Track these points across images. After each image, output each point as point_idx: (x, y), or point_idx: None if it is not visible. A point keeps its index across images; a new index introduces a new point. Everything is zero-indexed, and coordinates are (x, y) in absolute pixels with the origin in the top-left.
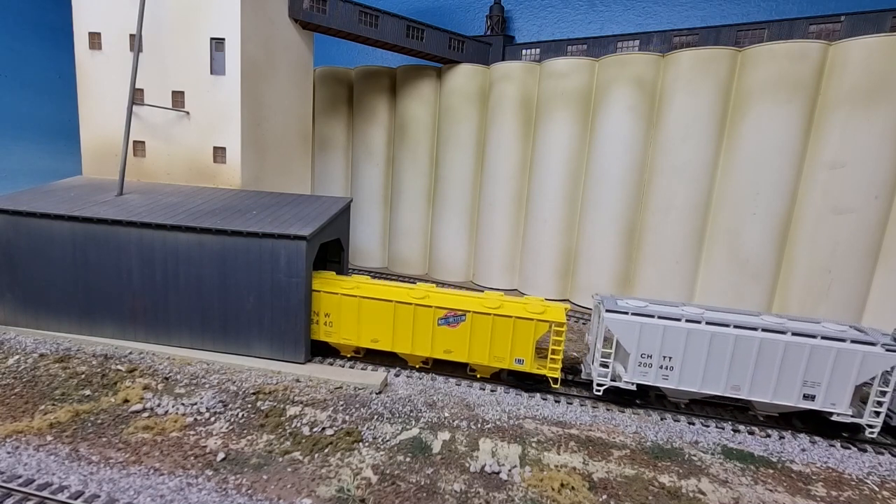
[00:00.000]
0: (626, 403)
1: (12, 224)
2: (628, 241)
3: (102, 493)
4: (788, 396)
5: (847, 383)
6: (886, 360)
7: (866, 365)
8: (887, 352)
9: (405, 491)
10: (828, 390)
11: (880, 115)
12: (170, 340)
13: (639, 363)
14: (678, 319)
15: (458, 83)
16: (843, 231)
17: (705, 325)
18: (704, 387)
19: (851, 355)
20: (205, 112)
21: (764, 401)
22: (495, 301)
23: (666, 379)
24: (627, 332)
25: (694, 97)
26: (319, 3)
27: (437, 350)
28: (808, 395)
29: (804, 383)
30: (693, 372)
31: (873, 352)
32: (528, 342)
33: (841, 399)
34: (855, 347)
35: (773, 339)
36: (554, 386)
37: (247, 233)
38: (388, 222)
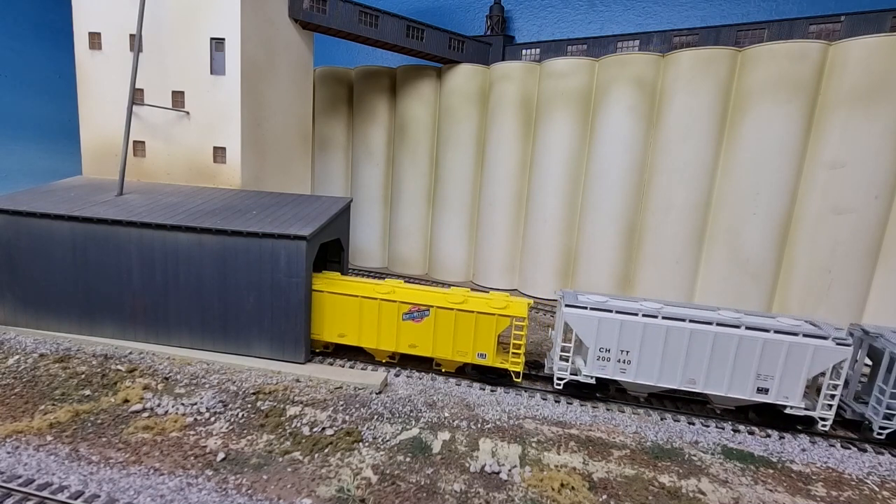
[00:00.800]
0: (586, 397)
1: (12, 224)
2: (628, 241)
3: (102, 493)
4: (742, 390)
5: (799, 377)
6: (837, 354)
7: (817, 358)
8: (838, 346)
9: (405, 491)
10: (781, 384)
11: (880, 115)
12: (170, 340)
13: (597, 357)
14: (635, 314)
15: (458, 83)
16: (843, 231)
17: (661, 320)
18: (661, 380)
19: (803, 349)
20: (205, 112)
21: (719, 394)
22: (459, 296)
23: (624, 372)
24: (586, 327)
25: (694, 97)
26: (319, 3)
27: (402, 345)
28: (762, 388)
29: (758, 377)
30: (650, 366)
31: (824, 345)
32: (489, 337)
33: (793, 392)
34: (806, 341)
35: (727, 333)
36: (516, 380)
37: (247, 233)
38: (388, 222)
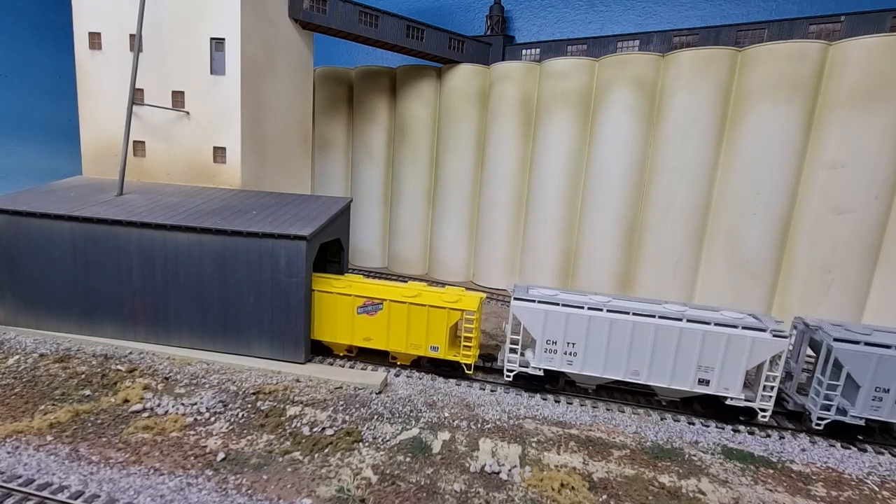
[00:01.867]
0: (536, 389)
1: (12, 224)
2: (628, 241)
3: (102, 493)
4: (684, 381)
5: (739, 368)
6: (774, 346)
7: (756, 350)
8: (775, 338)
9: (405, 491)
10: (721, 375)
11: (880, 115)
12: (170, 340)
13: (545, 349)
14: (581, 307)
15: (458, 83)
16: (843, 231)
17: (605, 313)
18: (607, 372)
19: (741, 341)
20: (205, 112)
21: (662, 385)
22: (413, 290)
23: (570, 364)
24: (533, 320)
25: (694, 97)
26: (319, 3)
27: (357, 338)
28: (703, 379)
29: (699, 368)
30: (595, 357)
31: (762, 337)
32: (441, 330)
33: (733, 383)
34: (744, 333)
35: (668, 325)
36: (468, 372)
37: (247, 233)
38: (387, 222)
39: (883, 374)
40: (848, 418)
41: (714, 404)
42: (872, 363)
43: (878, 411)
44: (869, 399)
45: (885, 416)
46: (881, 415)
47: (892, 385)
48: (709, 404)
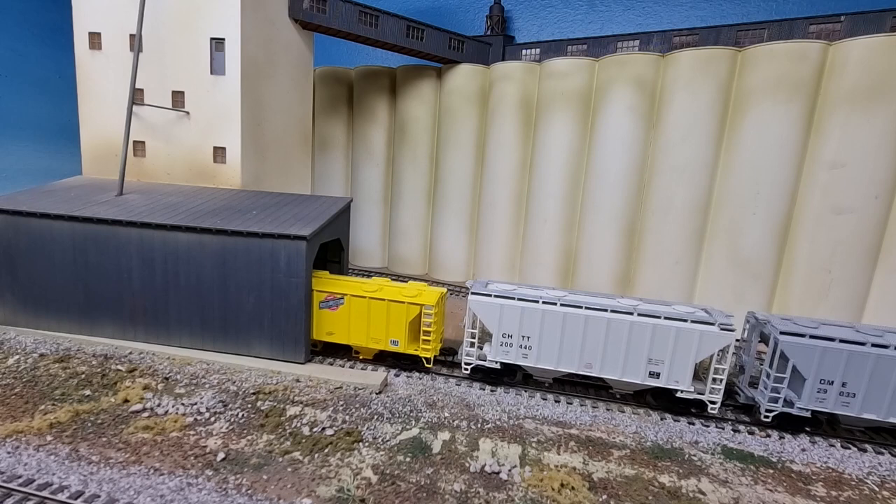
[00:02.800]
0: (494, 382)
1: (12, 224)
2: (628, 241)
3: (102, 493)
4: (635, 374)
5: (688, 361)
6: (722, 339)
7: (704, 343)
8: (722, 331)
9: (405, 491)
10: (671, 368)
11: (880, 115)
12: (170, 340)
13: (501, 343)
14: (535, 301)
15: (458, 83)
16: (843, 231)
17: (559, 307)
18: (561, 365)
19: (690, 334)
20: (205, 112)
21: (615, 378)
22: (374, 285)
23: (525, 357)
24: (489, 314)
25: (694, 97)
26: (319, 3)
27: (321, 332)
28: (654, 372)
29: (649, 361)
30: (549, 351)
31: (709, 331)
32: (401, 324)
33: (683, 376)
34: (693, 327)
35: (619, 319)
36: (427, 365)
37: (247, 233)
38: (388, 222)
39: (827, 367)
40: (795, 410)
41: (666, 397)
42: (816, 356)
43: (822, 403)
44: (814, 391)
45: (830, 407)
46: (826, 406)
47: (835, 377)
48: (661, 397)
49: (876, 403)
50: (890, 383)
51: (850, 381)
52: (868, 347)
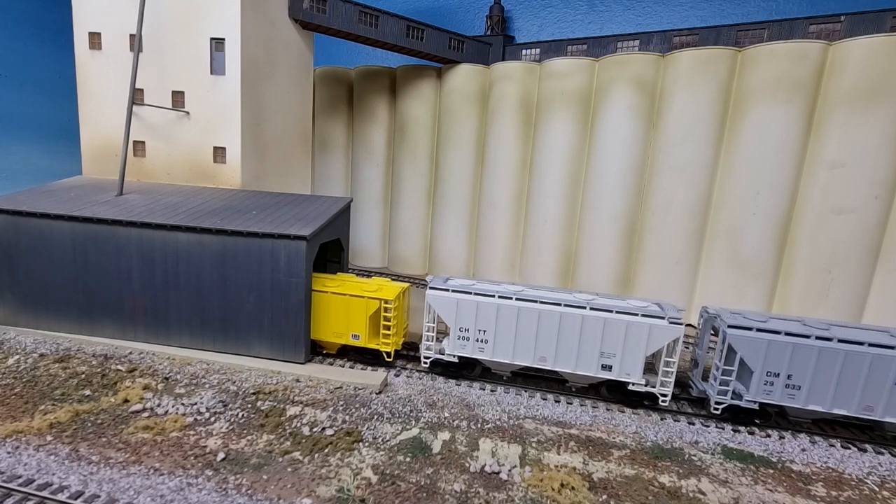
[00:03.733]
0: (452, 375)
1: (12, 224)
2: (628, 241)
3: (102, 493)
4: (588, 367)
5: (638, 354)
6: (671, 332)
7: (653, 337)
8: (671, 324)
9: (405, 491)
10: (622, 361)
11: (880, 115)
12: (170, 340)
13: (458, 336)
14: (492, 296)
15: (458, 83)
16: (843, 231)
17: (514, 301)
18: (516, 358)
19: (640, 328)
20: (205, 112)
21: (568, 371)
22: (336, 281)
23: (482, 351)
24: (446, 308)
25: (694, 97)
26: (319, 3)
27: None
28: (606, 365)
29: (601, 354)
30: (505, 344)
31: (658, 324)
32: (361, 318)
33: (634, 369)
34: (642, 320)
35: (572, 313)
36: (388, 360)
37: (247, 233)
38: (387, 222)
39: (773, 359)
40: (743, 402)
41: (620, 390)
42: (762, 348)
43: (769, 395)
44: (761, 383)
45: (776, 399)
46: (773, 399)
47: (781, 370)
48: (615, 390)
49: (820, 395)
50: (833, 375)
51: (795, 373)
52: (812, 340)
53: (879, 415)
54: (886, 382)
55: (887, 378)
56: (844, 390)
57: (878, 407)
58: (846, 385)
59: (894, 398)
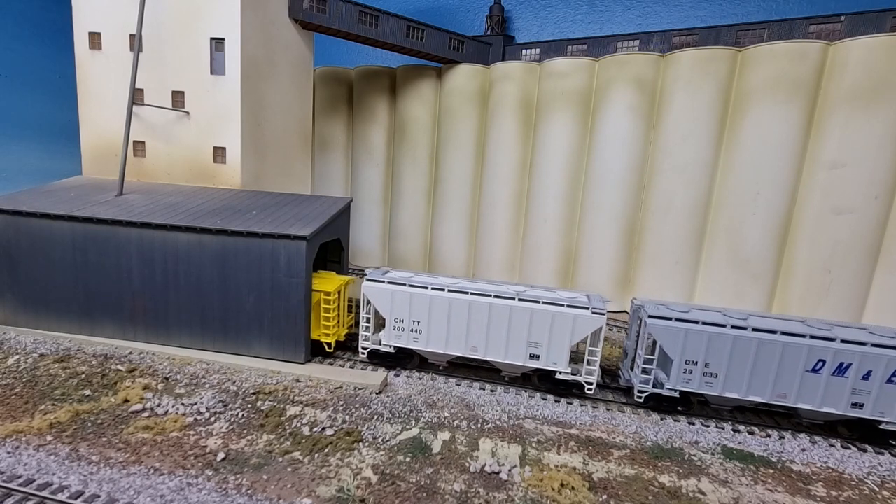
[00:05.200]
0: (389, 366)
1: (12, 224)
2: (628, 241)
3: (102, 493)
4: (517, 356)
5: (564, 344)
6: (594, 323)
7: (578, 327)
8: (594, 315)
9: (405, 491)
10: (549, 351)
11: (880, 115)
12: (170, 340)
13: (393, 327)
14: (425, 287)
15: (458, 83)
16: (843, 231)
17: (446, 293)
18: (448, 348)
19: (564, 318)
20: (205, 112)
21: (498, 360)
22: None
23: (416, 341)
24: (381, 299)
25: (694, 97)
26: (319, 3)
27: None
28: (534, 354)
29: (529, 344)
30: (438, 335)
31: (582, 315)
32: None
33: (560, 358)
34: (567, 311)
35: (500, 304)
36: (329, 350)
37: (247, 233)
38: (388, 222)
39: (690, 348)
40: (664, 391)
41: (550, 379)
42: (681, 338)
43: (689, 384)
44: (680, 372)
45: (695, 387)
46: (692, 387)
47: (699, 358)
48: (546, 379)
49: (736, 383)
50: (747, 363)
51: (712, 361)
52: (727, 329)
53: (792, 401)
54: (798, 370)
55: (798, 366)
56: (759, 378)
57: (790, 394)
58: (760, 373)
59: (805, 385)
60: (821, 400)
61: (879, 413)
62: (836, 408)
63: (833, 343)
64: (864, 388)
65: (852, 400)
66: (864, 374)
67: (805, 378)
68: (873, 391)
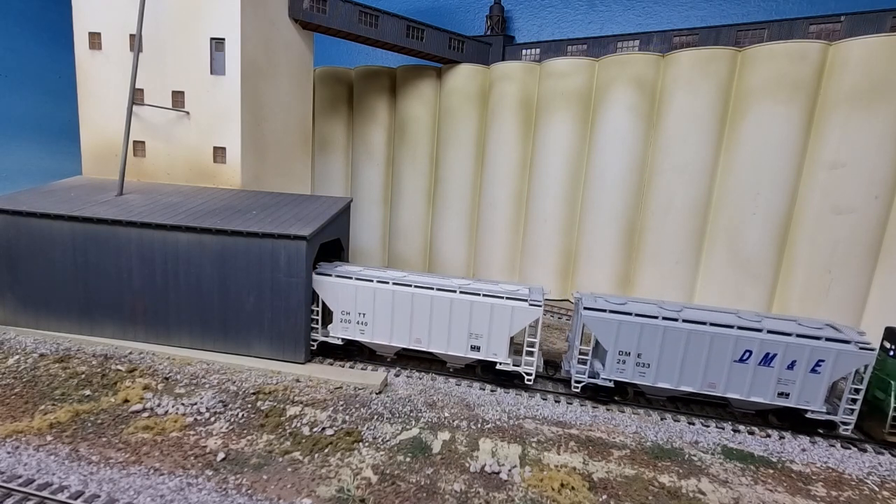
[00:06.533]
0: (339, 358)
1: (12, 224)
2: (628, 241)
3: (102, 493)
4: (459, 348)
5: (503, 335)
6: (531, 314)
7: (515, 318)
8: (531, 306)
9: (405, 491)
10: (489, 342)
11: (880, 115)
12: (170, 340)
13: (340, 320)
14: (370, 280)
15: (458, 83)
16: (843, 231)
17: (390, 285)
18: (393, 340)
19: (503, 310)
20: (205, 112)
21: (441, 352)
22: None
23: (363, 333)
24: (329, 293)
25: (694, 97)
26: (319, 3)
27: None
28: (475, 346)
29: (470, 335)
30: (383, 327)
31: (520, 306)
32: None
33: (500, 349)
34: (505, 303)
35: (441, 296)
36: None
37: (247, 233)
38: (388, 222)
39: (624, 339)
40: (599, 381)
41: (492, 370)
42: (614, 329)
43: (623, 373)
44: (614, 362)
45: (629, 377)
46: (625, 377)
47: (632, 349)
48: (488, 370)
49: (668, 373)
50: (678, 354)
51: (644, 352)
52: (658, 320)
53: (722, 391)
54: (726, 360)
55: (726, 356)
56: (689, 368)
57: (720, 384)
58: (690, 363)
59: (734, 375)
60: (749, 389)
61: (805, 402)
62: (763, 397)
63: (759, 334)
64: (790, 377)
65: (778, 389)
66: (789, 363)
67: (733, 368)
68: (798, 381)
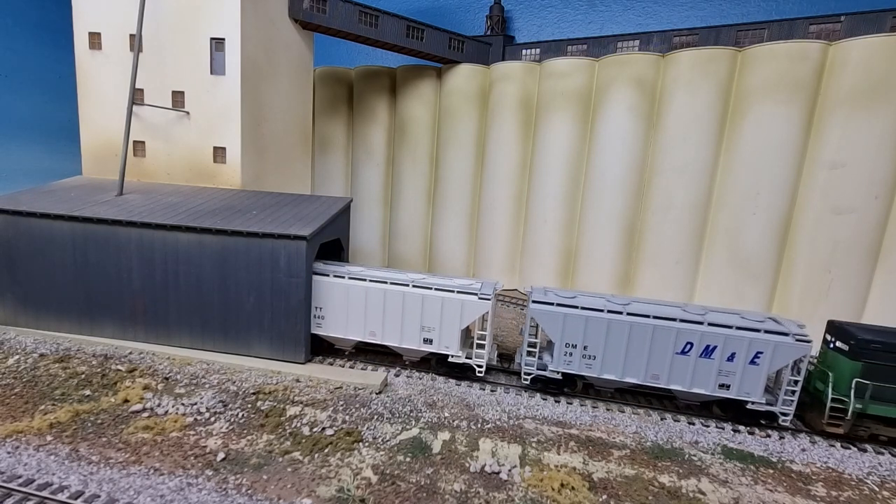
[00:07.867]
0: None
1: (12, 224)
2: (628, 241)
3: (102, 493)
4: (412, 341)
5: (454, 328)
6: (480, 307)
7: (465, 311)
8: (480, 300)
9: (405, 491)
10: (441, 335)
11: (880, 115)
12: (170, 340)
13: None
14: (326, 275)
15: (458, 83)
16: (843, 231)
17: (345, 280)
18: (349, 333)
19: (453, 303)
20: (205, 112)
21: (395, 345)
22: None
23: (320, 327)
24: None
25: (694, 97)
26: (319, 3)
27: None
28: (427, 339)
29: (422, 329)
30: (338, 320)
31: (469, 300)
32: None
33: (452, 342)
34: (455, 296)
35: (394, 290)
36: None
37: (247, 233)
38: (388, 222)
39: (570, 332)
40: (548, 372)
41: (446, 363)
42: (560, 321)
43: (569, 365)
44: (561, 354)
45: (576, 369)
46: (572, 368)
47: (578, 341)
48: (442, 363)
49: (613, 365)
50: (622, 346)
51: (590, 344)
52: (602, 313)
53: (665, 383)
54: (668, 352)
55: (668, 348)
56: (633, 360)
57: (663, 375)
58: (634, 355)
59: (676, 367)
60: (690, 381)
61: (745, 394)
62: (705, 389)
63: (700, 326)
64: (730, 369)
65: (720, 381)
66: (729, 355)
67: (675, 360)
68: (738, 372)
